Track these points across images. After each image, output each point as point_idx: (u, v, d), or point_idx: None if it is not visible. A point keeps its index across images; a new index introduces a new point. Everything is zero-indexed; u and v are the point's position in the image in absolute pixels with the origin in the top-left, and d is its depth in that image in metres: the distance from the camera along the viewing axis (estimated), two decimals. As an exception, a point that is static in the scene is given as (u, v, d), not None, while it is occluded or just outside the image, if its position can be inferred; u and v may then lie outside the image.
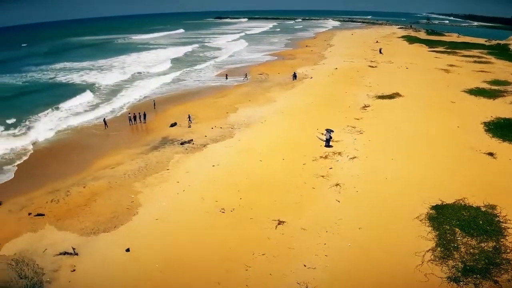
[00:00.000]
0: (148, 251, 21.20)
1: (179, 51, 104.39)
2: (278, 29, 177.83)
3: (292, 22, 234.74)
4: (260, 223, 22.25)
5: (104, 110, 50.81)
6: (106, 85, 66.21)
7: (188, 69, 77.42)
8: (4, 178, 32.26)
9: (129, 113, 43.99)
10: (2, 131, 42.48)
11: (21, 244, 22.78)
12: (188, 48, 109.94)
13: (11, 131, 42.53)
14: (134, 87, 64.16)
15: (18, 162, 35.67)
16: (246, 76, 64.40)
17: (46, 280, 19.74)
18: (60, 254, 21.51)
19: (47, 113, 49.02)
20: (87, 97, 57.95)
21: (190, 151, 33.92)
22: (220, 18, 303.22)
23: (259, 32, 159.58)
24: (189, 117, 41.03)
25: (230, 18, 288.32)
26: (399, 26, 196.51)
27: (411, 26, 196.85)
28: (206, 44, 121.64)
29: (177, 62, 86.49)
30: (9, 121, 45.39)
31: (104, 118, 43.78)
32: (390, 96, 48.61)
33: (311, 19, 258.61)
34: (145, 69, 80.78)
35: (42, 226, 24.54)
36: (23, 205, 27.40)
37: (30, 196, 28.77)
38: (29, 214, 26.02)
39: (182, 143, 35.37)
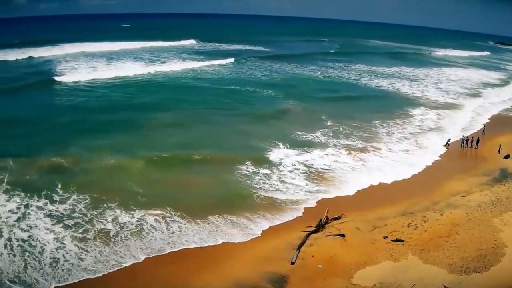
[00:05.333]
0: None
1: (488, 75, 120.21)
2: None
3: None
4: None
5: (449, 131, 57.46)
6: (433, 100, 76.92)
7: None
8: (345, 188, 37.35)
9: (463, 136, 53.52)
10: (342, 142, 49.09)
11: (379, 273, 24.97)
12: (498, 75, 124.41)
13: (345, 141, 49.04)
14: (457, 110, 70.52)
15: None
16: None
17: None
18: (432, 293, 22.81)
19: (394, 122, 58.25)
20: (418, 111, 66.69)
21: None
22: (503, 43, 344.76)
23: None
24: (499, 147, 49.95)
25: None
26: None
27: None
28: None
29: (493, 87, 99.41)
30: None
31: (449, 139, 52.75)
32: None
33: None
34: (464, 89, 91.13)
35: (403, 255, 26.77)
36: (374, 224, 30.66)
37: (380, 214, 32.21)
38: (385, 237, 28.69)
39: (524, 180, 41.97)
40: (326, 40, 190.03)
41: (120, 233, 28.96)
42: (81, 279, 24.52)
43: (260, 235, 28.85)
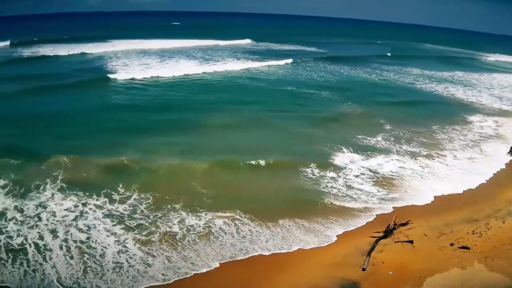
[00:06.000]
0: None
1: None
2: None
3: None
4: None
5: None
6: (488, 106, 76.26)
7: None
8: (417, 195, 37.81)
9: None
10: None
11: (448, 281, 25.66)
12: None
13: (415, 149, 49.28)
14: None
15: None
16: None
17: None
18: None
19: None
20: (476, 118, 66.34)
21: None
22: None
23: None
24: None
25: None
26: None
27: None
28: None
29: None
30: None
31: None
32: None
33: None
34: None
35: (470, 263, 27.36)
36: (441, 231, 31.25)
37: (445, 221, 32.91)
38: (451, 244, 29.30)
39: None
40: (378, 42, 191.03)
41: (187, 237, 28.47)
42: (148, 286, 24.25)
43: (334, 241, 29.32)
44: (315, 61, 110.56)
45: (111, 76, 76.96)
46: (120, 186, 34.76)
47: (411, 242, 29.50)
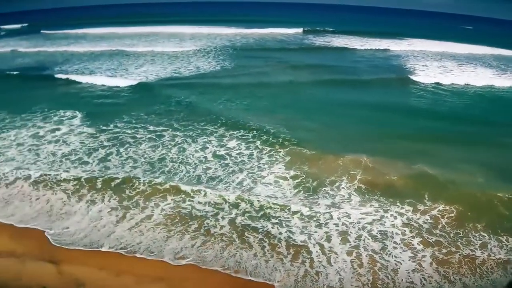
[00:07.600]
0: None
1: None
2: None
3: None
4: None
5: None
6: None
7: None
8: None
9: None
10: None
11: None
12: None
13: None
14: None
15: None
16: None
17: None
18: None
19: None
20: None
21: None
22: None
23: None
24: None
25: None
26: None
27: None
28: None
29: None
30: None
31: None
32: None
33: None
34: None
35: None
36: None
37: None
38: None
39: None
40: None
41: (486, 263, 25.93)
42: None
43: None
44: None
45: (413, 77, 75.93)
46: (426, 197, 33.52)
47: None
